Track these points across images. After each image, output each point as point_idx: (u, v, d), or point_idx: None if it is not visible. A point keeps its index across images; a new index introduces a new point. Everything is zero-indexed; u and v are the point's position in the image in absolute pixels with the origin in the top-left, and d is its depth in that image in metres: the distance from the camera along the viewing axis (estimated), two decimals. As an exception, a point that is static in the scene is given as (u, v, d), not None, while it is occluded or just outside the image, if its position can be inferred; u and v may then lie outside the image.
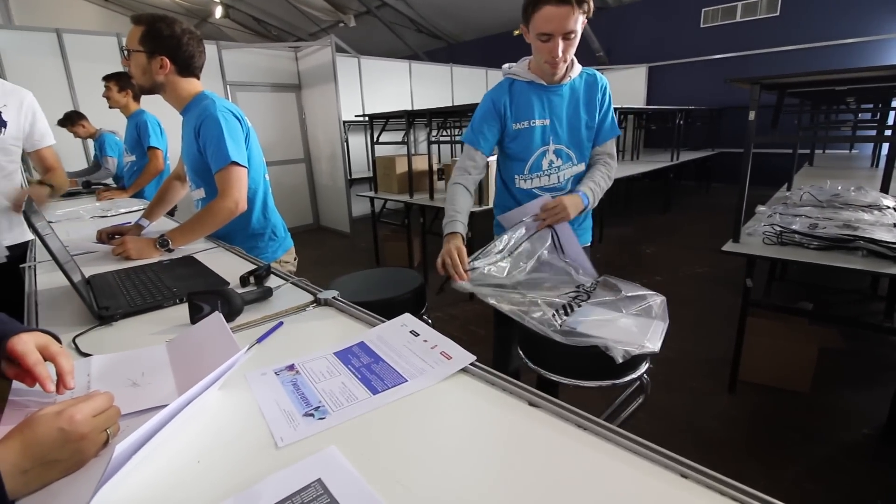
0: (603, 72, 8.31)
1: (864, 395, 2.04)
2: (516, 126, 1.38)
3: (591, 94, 1.39)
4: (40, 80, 3.87)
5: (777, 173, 3.43)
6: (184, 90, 1.39)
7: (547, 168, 1.41)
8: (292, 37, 10.93)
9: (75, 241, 1.59)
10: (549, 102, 1.37)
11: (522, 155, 1.40)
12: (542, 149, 1.39)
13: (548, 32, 1.20)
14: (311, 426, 0.56)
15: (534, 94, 1.37)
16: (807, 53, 6.50)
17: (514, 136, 1.39)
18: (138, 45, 1.29)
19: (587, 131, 1.40)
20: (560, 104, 1.37)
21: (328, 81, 5.16)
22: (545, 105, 1.37)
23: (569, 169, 1.42)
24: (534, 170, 1.41)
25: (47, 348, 0.62)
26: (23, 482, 0.44)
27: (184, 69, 1.36)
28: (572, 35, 1.21)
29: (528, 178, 1.43)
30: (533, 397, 0.59)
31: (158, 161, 2.91)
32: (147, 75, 1.33)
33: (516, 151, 1.41)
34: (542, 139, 1.38)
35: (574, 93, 1.38)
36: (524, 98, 1.37)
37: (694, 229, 5.07)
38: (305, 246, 4.83)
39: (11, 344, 0.60)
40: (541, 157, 1.40)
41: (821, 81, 1.78)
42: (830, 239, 1.73)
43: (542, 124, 1.37)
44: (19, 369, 0.62)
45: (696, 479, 0.44)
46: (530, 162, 1.40)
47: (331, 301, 0.96)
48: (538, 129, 1.38)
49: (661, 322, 1.10)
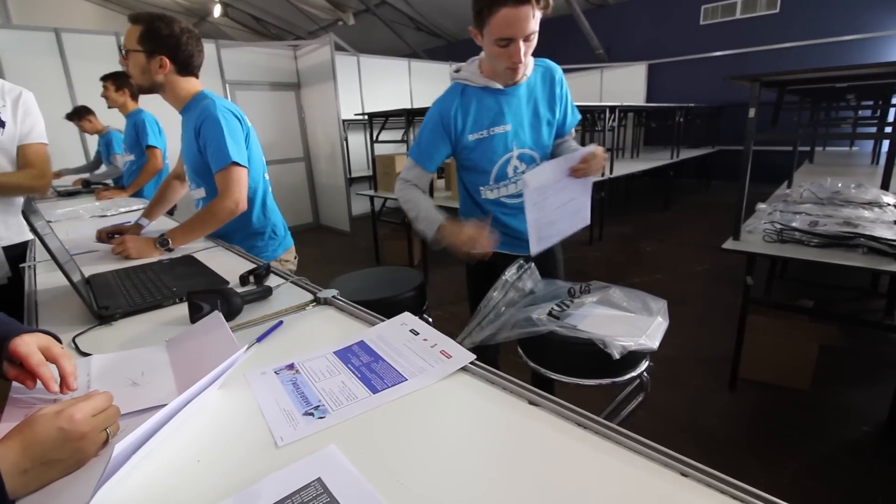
0: (602, 70, 8.40)
1: (865, 392, 2.04)
2: (473, 137, 1.27)
3: (549, 88, 1.29)
4: (39, 80, 3.87)
5: (777, 171, 3.43)
6: (183, 90, 1.39)
7: (513, 175, 1.32)
8: (291, 35, 10.91)
9: (75, 241, 1.59)
10: (507, 106, 1.26)
11: (485, 166, 1.30)
12: (505, 156, 1.30)
13: (507, 37, 1.09)
14: (311, 425, 0.56)
15: (490, 99, 1.25)
16: (807, 50, 6.49)
17: (472, 147, 1.29)
18: (137, 45, 1.29)
19: (548, 128, 1.32)
20: (519, 106, 1.27)
21: (327, 80, 5.15)
22: (503, 109, 1.26)
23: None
24: (499, 179, 1.32)
25: (49, 349, 0.62)
26: (23, 482, 0.44)
27: (183, 69, 1.36)
28: (532, 36, 1.11)
29: (494, 188, 1.33)
30: (533, 396, 0.59)
31: (157, 160, 2.91)
32: (146, 75, 1.32)
33: (477, 162, 1.31)
34: (504, 146, 1.29)
35: (531, 91, 1.29)
36: (479, 105, 1.26)
37: (694, 227, 5.07)
38: (305, 245, 4.83)
39: (13, 345, 0.60)
40: (505, 164, 1.30)
41: (821, 78, 1.77)
42: (831, 236, 1.73)
43: (502, 130, 1.27)
44: (20, 370, 0.62)
45: (696, 477, 0.44)
46: (494, 171, 1.31)
47: (331, 300, 0.96)
48: (499, 137, 1.28)
49: (662, 320, 1.10)
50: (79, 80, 4.07)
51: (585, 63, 8.46)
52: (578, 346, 1.03)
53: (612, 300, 1.19)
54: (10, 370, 0.62)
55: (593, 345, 1.01)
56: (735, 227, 1.91)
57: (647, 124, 6.88)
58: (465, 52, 1.25)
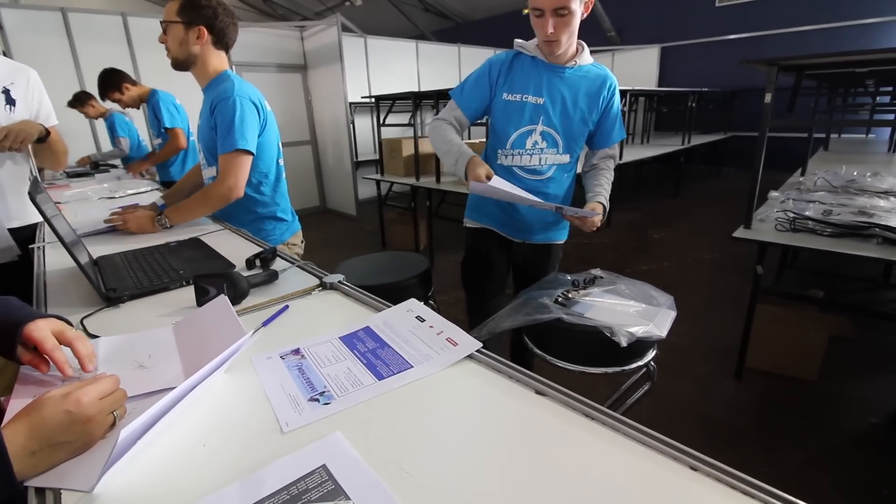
0: (614, 52, 8.22)
1: (873, 384, 2.02)
2: (507, 97, 1.32)
3: (598, 88, 1.32)
4: (46, 60, 3.85)
5: (791, 158, 3.36)
6: (212, 65, 1.41)
7: (530, 148, 1.34)
8: (298, 16, 10.74)
9: (83, 222, 1.60)
10: (548, 81, 1.31)
11: (507, 129, 1.34)
12: (529, 126, 1.33)
13: (538, 7, 1.16)
14: (316, 411, 0.56)
15: (534, 70, 1.31)
16: (825, 34, 6.29)
17: (502, 107, 1.33)
18: (176, 17, 1.32)
19: (581, 124, 1.34)
20: (559, 86, 1.31)
21: (334, 62, 5.08)
22: (543, 83, 1.31)
23: (552, 155, 1.36)
24: (516, 146, 1.35)
25: (63, 333, 0.63)
26: (30, 464, 0.45)
27: (218, 41, 1.39)
28: (565, 12, 1.15)
29: (509, 153, 1.36)
30: (540, 385, 0.59)
31: (179, 140, 2.90)
32: (184, 46, 1.34)
33: (502, 124, 1.35)
34: (531, 117, 1.32)
35: (579, 80, 1.32)
36: (523, 71, 1.31)
37: (703, 214, 5.01)
38: (311, 228, 4.82)
39: (28, 330, 0.61)
40: (526, 134, 1.33)
41: (841, 63, 1.72)
42: (845, 226, 1.69)
43: (535, 101, 1.31)
44: (34, 355, 0.62)
45: (707, 472, 0.44)
46: (513, 137, 1.34)
47: (336, 285, 0.96)
48: (529, 105, 1.31)
49: (669, 311, 1.09)
50: (86, 62, 4.05)
51: (597, 45, 8.28)
52: (585, 334, 1.02)
53: (619, 291, 1.17)
54: (24, 355, 0.62)
55: (600, 333, 1.00)
56: (747, 215, 1.87)
57: (659, 109, 6.73)
58: (474, 35, 1.24)
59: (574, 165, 1.42)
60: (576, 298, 1.14)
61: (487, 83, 1.34)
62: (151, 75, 4.18)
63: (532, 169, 1.36)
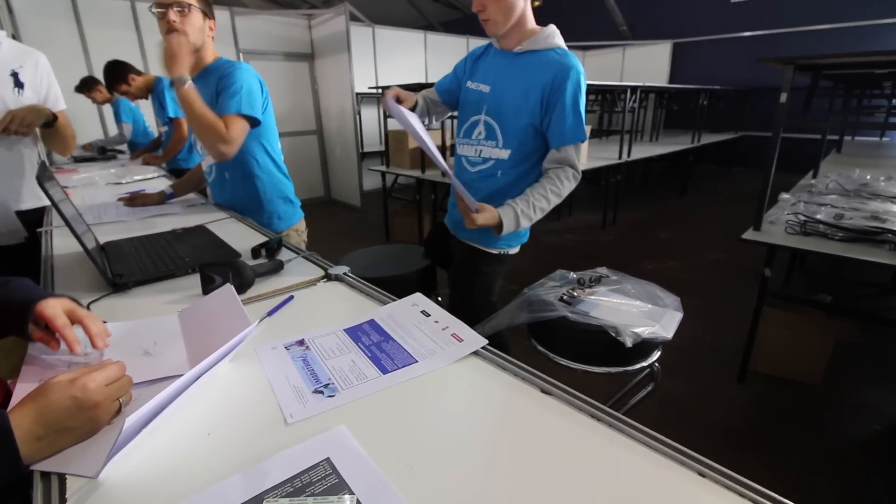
0: (625, 47, 8.11)
1: (879, 391, 2.00)
2: (469, 85, 1.31)
3: (552, 77, 1.14)
4: (55, 44, 3.84)
5: (803, 159, 3.32)
6: (211, 54, 1.43)
7: (474, 138, 1.29)
8: (306, 4, 10.66)
9: (90, 207, 1.61)
10: (497, 69, 1.24)
11: (462, 117, 1.33)
12: (475, 116, 1.28)
13: None
14: (321, 403, 0.56)
15: (490, 58, 1.28)
16: (842, 33, 6.18)
17: (464, 95, 1.32)
18: (198, 3, 1.33)
19: (519, 116, 1.19)
20: (506, 74, 1.21)
21: (341, 51, 5.05)
22: (491, 71, 1.25)
23: (490, 148, 1.26)
24: (465, 135, 1.32)
25: (74, 312, 0.64)
26: (36, 448, 0.45)
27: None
28: None
29: (461, 142, 1.34)
30: (545, 384, 0.58)
31: (183, 129, 2.89)
32: (201, 34, 1.36)
33: (461, 113, 1.34)
34: (476, 105, 1.27)
35: (531, 68, 1.17)
36: (486, 60, 1.29)
37: (711, 215, 4.96)
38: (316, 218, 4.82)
39: (40, 308, 0.62)
40: (474, 124, 1.29)
41: (860, 63, 1.68)
42: (857, 230, 1.67)
43: (482, 89, 1.26)
44: (45, 332, 0.64)
45: (714, 478, 0.43)
46: (465, 126, 1.31)
47: (342, 277, 0.95)
48: (475, 93, 1.27)
49: (676, 312, 1.08)
50: (94, 46, 4.04)
51: (608, 40, 8.18)
52: (590, 333, 1.02)
53: (625, 291, 1.17)
54: (35, 332, 0.63)
55: (605, 332, 0.99)
56: (757, 217, 1.85)
57: (669, 106, 6.66)
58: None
59: (522, 165, 1.24)
60: (581, 297, 1.14)
61: (460, 71, 1.35)
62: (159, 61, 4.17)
63: (472, 160, 1.31)
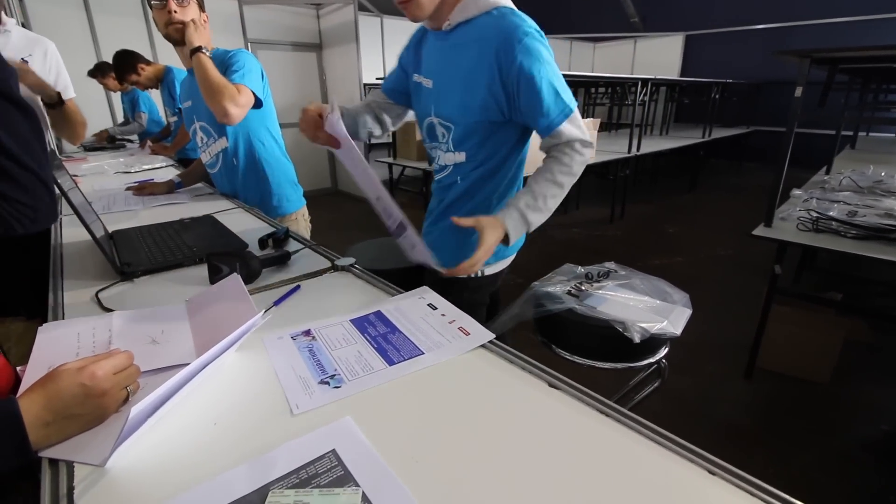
0: (636, 40, 8.01)
1: (887, 390, 1.98)
2: (414, 78, 1.03)
3: (495, 52, 0.85)
4: (64, 32, 3.84)
5: (816, 155, 3.26)
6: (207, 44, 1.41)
7: (443, 140, 1.00)
8: (315, -7, 10.59)
9: (99, 195, 1.61)
10: (434, 56, 0.97)
11: (418, 117, 1.07)
12: (427, 118, 1.01)
13: None
14: (327, 394, 0.56)
15: (428, 43, 0.99)
16: (856, 26, 6.05)
17: (413, 90, 1.05)
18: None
19: (480, 113, 0.91)
20: (442, 61, 0.95)
21: (350, 41, 5.02)
22: (428, 58, 0.99)
23: (444, 153, 1.01)
24: (429, 139, 1.05)
25: None
26: (44, 434, 0.45)
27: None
28: None
29: (429, 147, 1.08)
30: (553, 379, 0.58)
31: None
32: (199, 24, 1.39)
33: (415, 111, 1.08)
34: (425, 104, 1.00)
35: (465, 47, 0.89)
36: (425, 46, 1.01)
37: (721, 210, 4.91)
38: (322, 209, 4.84)
39: None
40: (431, 126, 1.01)
41: (879, 57, 1.64)
42: (870, 228, 1.64)
43: (426, 84, 0.99)
44: None
45: (724, 476, 0.43)
46: (424, 127, 1.04)
47: (348, 268, 0.95)
48: (422, 90, 1.01)
49: (685, 308, 1.07)
50: (103, 35, 4.04)
51: (619, 32, 8.06)
52: (597, 328, 1.01)
53: (633, 286, 1.16)
54: None
55: (612, 327, 0.99)
56: (768, 212, 1.82)
57: (680, 100, 6.56)
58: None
59: (486, 164, 0.98)
60: (589, 291, 1.13)
61: (405, 62, 1.07)
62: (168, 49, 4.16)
63: (438, 167, 1.06)
